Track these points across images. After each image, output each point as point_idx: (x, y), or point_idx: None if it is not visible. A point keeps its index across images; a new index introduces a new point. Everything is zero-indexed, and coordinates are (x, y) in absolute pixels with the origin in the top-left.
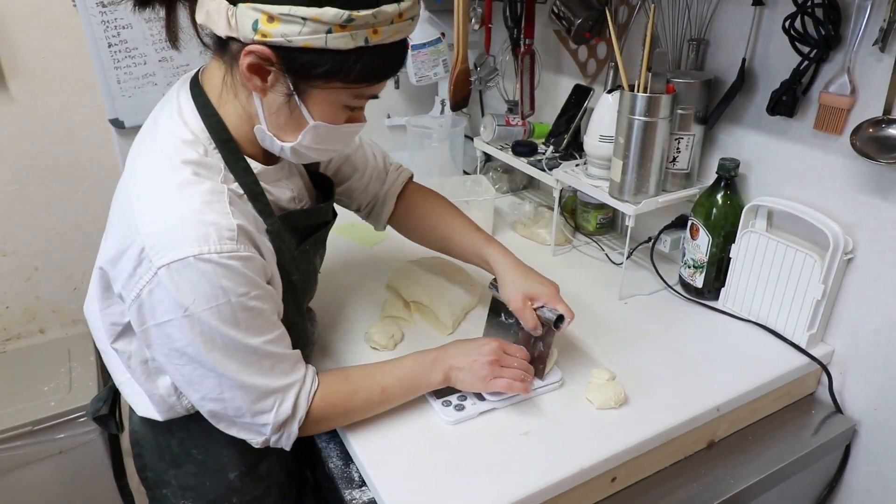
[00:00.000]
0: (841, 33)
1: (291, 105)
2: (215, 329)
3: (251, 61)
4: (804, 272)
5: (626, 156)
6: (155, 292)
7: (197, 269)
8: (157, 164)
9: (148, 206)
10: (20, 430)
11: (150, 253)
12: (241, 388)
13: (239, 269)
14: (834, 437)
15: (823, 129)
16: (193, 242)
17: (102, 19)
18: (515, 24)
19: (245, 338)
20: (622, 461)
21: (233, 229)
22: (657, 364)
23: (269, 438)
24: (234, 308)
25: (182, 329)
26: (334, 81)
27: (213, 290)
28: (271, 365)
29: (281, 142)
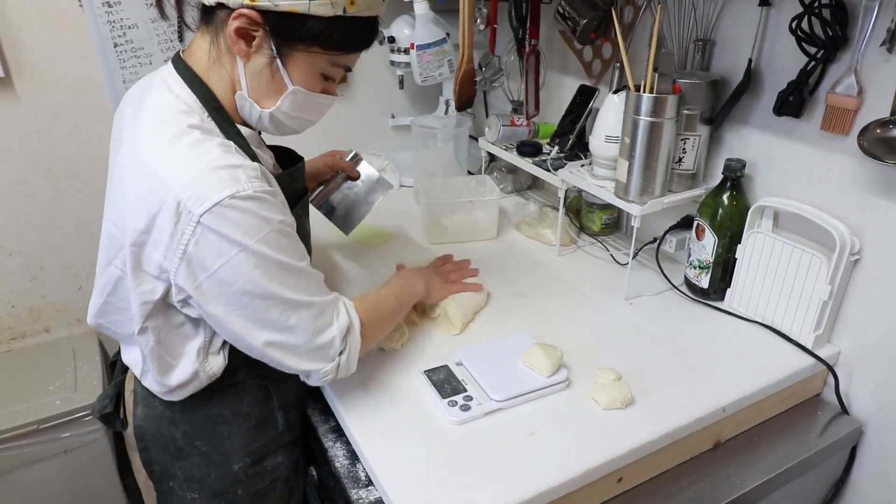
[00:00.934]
0: (848, 34)
1: (273, 68)
2: (268, 257)
3: (239, 24)
4: (810, 273)
5: (632, 156)
6: (201, 242)
7: (237, 207)
8: (164, 132)
9: (171, 165)
10: (25, 428)
11: (188, 204)
12: (305, 308)
13: (272, 201)
14: (840, 439)
15: (830, 130)
16: (228, 184)
17: (108, 19)
18: (521, 25)
19: (293, 261)
20: (629, 461)
21: (256, 169)
22: (663, 364)
23: (338, 361)
24: (278, 235)
25: (238, 267)
26: (314, 46)
27: (258, 222)
28: (317, 284)
29: (261, 108)
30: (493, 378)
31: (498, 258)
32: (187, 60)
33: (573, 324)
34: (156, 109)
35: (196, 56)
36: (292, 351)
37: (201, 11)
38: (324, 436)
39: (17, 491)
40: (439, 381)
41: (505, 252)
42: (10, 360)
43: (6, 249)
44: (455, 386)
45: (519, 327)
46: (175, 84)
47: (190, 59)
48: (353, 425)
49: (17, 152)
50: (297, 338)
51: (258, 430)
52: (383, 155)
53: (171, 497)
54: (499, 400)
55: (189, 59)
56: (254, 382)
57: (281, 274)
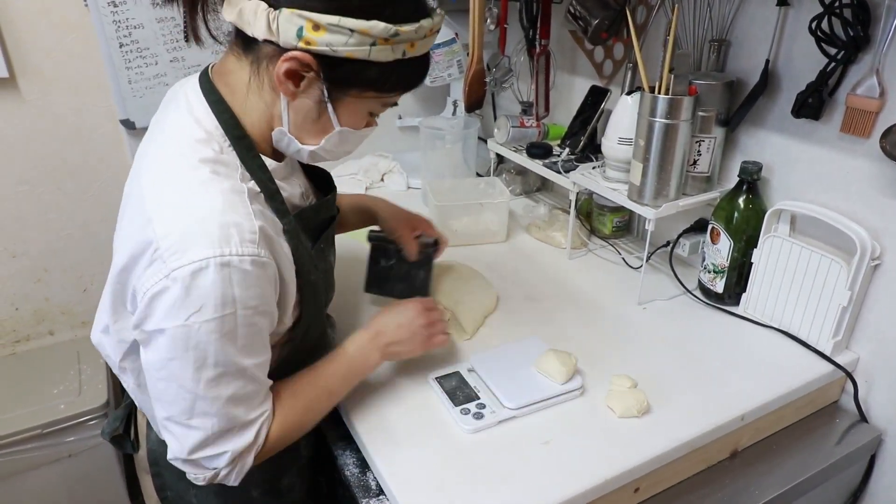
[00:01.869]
0: (870, 34)
1: (320, 110)
2: (212, 344)
3: (290, 67)
4: (829, 278)
5: (647, 158)
6: (160, 296)
7: (213, 274)
8: (172, 164)
9: (166, 206)
10: (29, 433)
11: (164, 254)
12: (214, 416)
13: (255, 278)
14: (859, 447)
15: (851, 132)
16: (215, 244)
17: (114, 19)
18: (531, 25)
19: (239, 356)
20: (646, 471)
21: (255, 231)
22: (679, 371)
23: (218, 472)
24: (238, 321)
25: (175, 340)
26: (369, 91)
27: (224, 299)
28: (253, 393)
29: (301, 144)
30: (506, 385)
31: (508, 261)
32: (216, 81)
33: (586, 329)
34: (170, 135)
35: (228, 80)
36: (175, 448)
37: (240, 38)
38: (333, 443)
39: (21, 496)
40: (451, 389)
41: (515, 255)
42: (13, 363)
43: (10, 251)
44: (468, 393)
45: (530, 332)
46: (198, 106)
47: (219, 81)
48: (364, 433)
49: (21, 153)
50: (187, 440)
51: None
52: (391, 157)
53: None
54: (512, 408)
55: (218, 81)
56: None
57: (214, 368)
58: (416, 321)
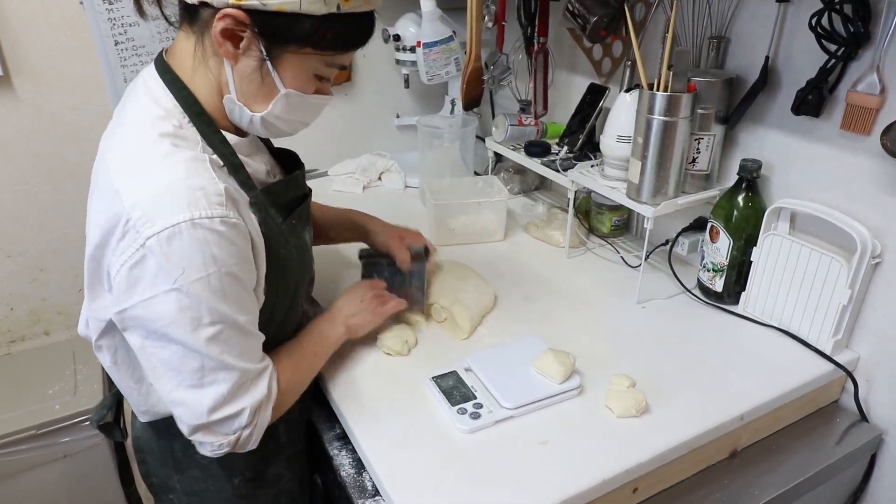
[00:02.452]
0: (870, 30)
1: (263, 71)
2: (204, 303)
3: (225, 25)
4: (829, 276)
5: (645, 156)
6: (138, 267)
7: (188, 237)
8: (133, 141)
9: (131, 179)
10: (24, 433)
11: (137, 224)
12: (224, 371)
13: (229, 237)
14: (859, 447)
15: (851, 130)
16: (185, 208)
17: (109, 17)
18: (529, 22)
19: (233, 313)
20: (645, 471)
21: (221, 193)
22: (678, 370)
23: (239, 435)
24: (223, 279)
25: (168, 304)
26: (306, 47)
27: (204, 259)
28: (251, 346)
29: (251, 112)
30: (503, 385)
31: (506, 260)
32: (169, 61)
33: (584, 328)
34: (132, 116)
35: (179, 57)
36: (194, 414)
37: (184, 9)
38: (329, 443)
39: (16, 497)
40: (448, 388)
41: (513, 254)
42: (9, 363)
43: (6, 251)
44: (464, 393)
45: (528, 331)
46: (155, 87)
47: (172, 61)
48: (360, 433)
49: (17, 152)
50: (204, 401)
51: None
52: (388, 156)
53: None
54: (510, 408)
55: (171, 61)
56: None
57: (212, 325)
58: (365, 295)
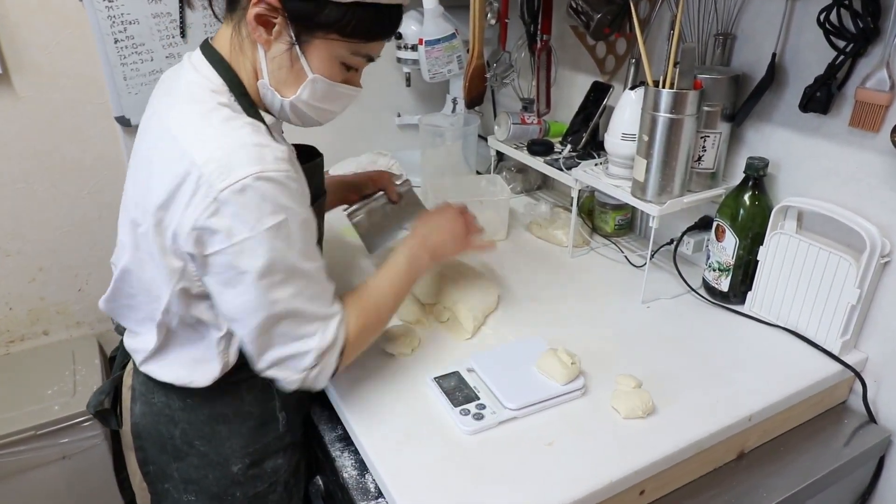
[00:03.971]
0: (880, 26)
1: (293, 56)
2: (277, 250)
3: (259, 11)
4: (838, 276)
5: (650, 154)
6: (215, 218)
7: (259, 188)
8: (195, 109)
9: (199, 138)
10: (23, 434)
11: (210, 178)
12: (292, 315)
13: (295, 189)
14: (868, 449)
15: (860, 127)
16: (254, 162)
17: (109, 14)
18: (532, 20)
19: (302, 261)
20: (651, 473)
21: (284, 151)
22: (684, 371)
23: (308, 372)
24: (293, 228)
25: (245, 252)
26: (332, 33)
27: (275, 209)
28: (320, 292)
29: (282, 97)
30: (506, 385)
31: (509, 260)
32: (215, 46)
33: (589, 328)
34: (186, 88)
35: (221, 43)
36: (266, 349)
37: (225, 3)
38: (331, 444)
39: (14, 498)
40: (450, 389)
41: (516, 253)
42: (7, 363)
43: (4, 250)
44: (467, 394)
45: (532, 331)
46: (203, 67)
47: (217, 46)
48: (362, 434)
49: (16, 150)
50: (274, 340)
51: (259, 430)
52: (390, 154)
53: (167, 499)
54: (513, 408)
55: (216, 46)
56: (256, 380)
57: (284, 272)
58: (455, 223)
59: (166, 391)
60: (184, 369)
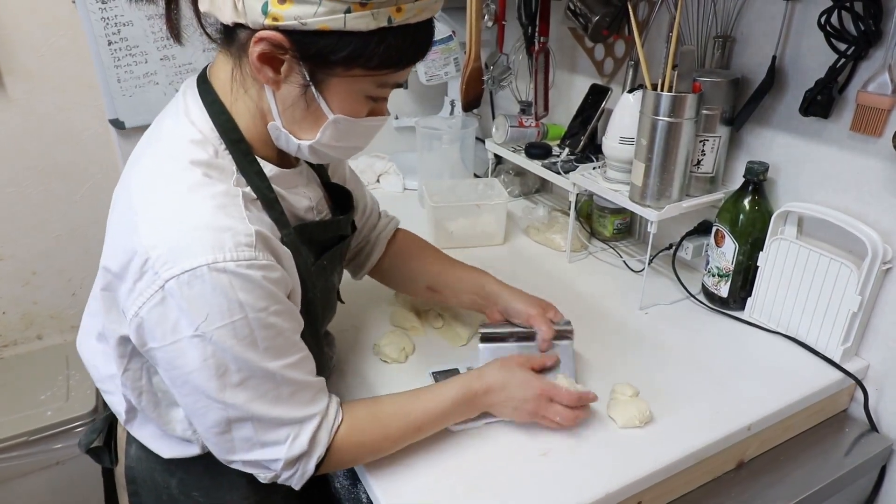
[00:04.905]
0: (882, 28)
1: (308, 97)
2: (229, 351)
3: (262, 49)
4: (839, 282)
5: (649, 158)
6: (157, 309)
7: (211, 281)
8: (162, 167)
9: (154, 212)
10: (16, 440)
11: (155, 264)
12: (251, 421)
13: (258, 281)
14: (869, 458)
15: (861, 131)
16: (207, 250)
17: (102, 16)
18: (530, 22)
19: (262, 360)
20: (649, 484)
21: (251, 234)
22: (683, 379)
23: (278, 474)
24: (252, 325)
25: (189, 352)
26: (355, 68)
27: (230, 305)
28: (290, 393)
29: (298, 139)
30: None
31: (506, 264)
32: (212, 81)
33: (586, 335)
34: (167, 137)
35: (220, 78)
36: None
37: (222, 29)
38: None
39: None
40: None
41: (513, 258)
42: (0, 368)
43: None
44: None
45: None
46: (194, 108)
47: (214, 81)
48: None
49: (9, 153)
50: (235, 444)
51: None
52: (387, 157)
53: None
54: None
55: (214, 81)
56: None
57: (238, 373)
58: (535, 395)
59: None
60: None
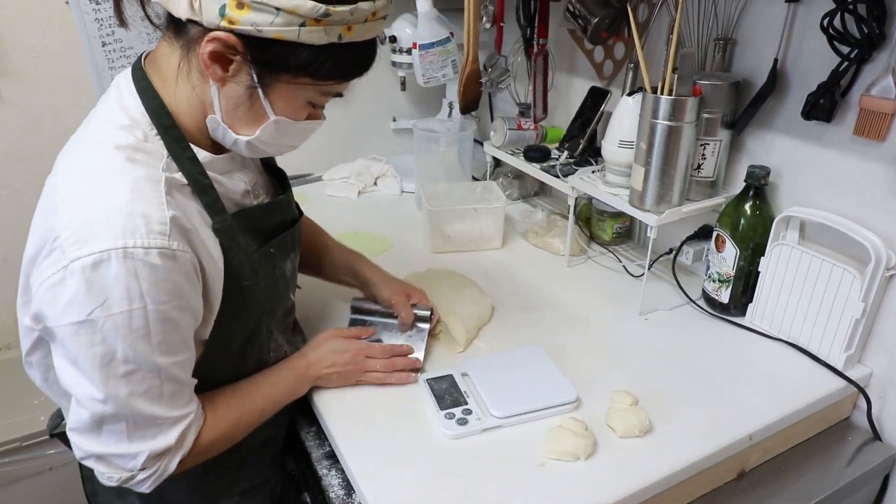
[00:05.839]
0: (886, 31)
1: (253, 97)
2: (120, 339)
3: (214, 48)
4: (841, 288)
5: (648, 162)
6: (56, 288)
7: (116, 267)
8: (86, 152)
9: (72, 194)
10: (8, 446)
11: (64, 243)
12: (128, 416)
13: (164, 272)
14: (872, 467)
15: (864, 135)
16: (118, 235)
17: (96, 17)
18: (528, 23)
19: (153, 354)
20: (649, 495)
21: (165, 222)
22: (683, 386)
23: (133, 474)
24: (150, 317)
25: (79, 335)
26: (303, 76)
27: (130, 294)
28: (171, 392)
29: (236, 134)
30: (497, 393)
31: (504, 268)
32: (148, 68)
33: (584, 340)
34: (96, 123)
35: (159, 66)
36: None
37: (169, 20)
38: (318, 462)
39: None
40: (441, 392)
41: (511, 262)
42: None
43: None
44: (456, 398)
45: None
46: (127, 93)
47: (151, 68)
48: (348, 453)
49: (2, 155)
50: (102, 436)
51: (206, 475)
52: (384, 160)
53: None
54: (498, 416)
55: (150, 67)
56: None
57: (124, 365)
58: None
59: None
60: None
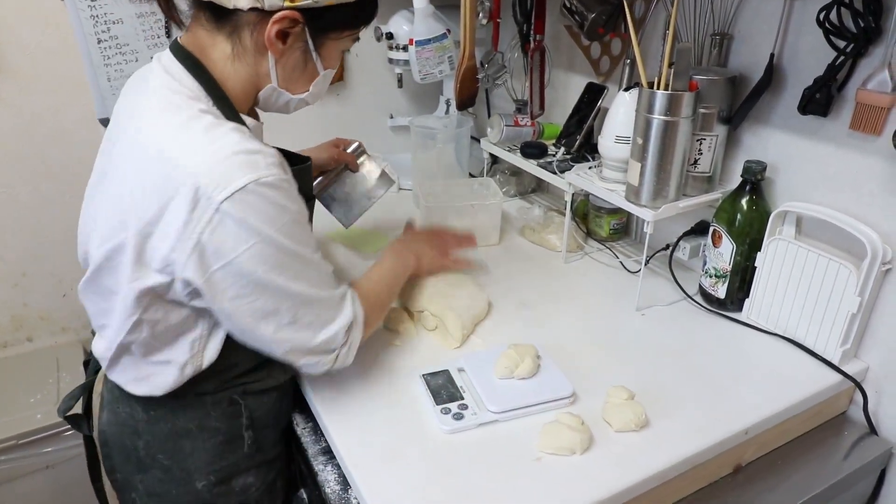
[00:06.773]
0: (882, 25)
1: (307, 59)
2: (285, 248)
3: (281, 27)
4: (837, 283)
5: (645, 158)
6: (218, 230)
7: (257, 194)
8: (173, 118)
9: (187, 149)
10: (5, 444)
11: (207, 190)
12: (312, 304)
13: (288, 189)
14: (869, 462)
15: (861, 130)
16: (248, 170)
17: (92, 13)
18: (525, 20)
19: (308, 252)
20: (644, 489)
21: (274, 155)
22: (679, 381)
23: (337, 353)
24: (295, 224)
25: (255, 257)
26: (346, 30)
27: (276, 210)
28: (327, 277)
29: (291, 94)
30: (492, 388)
31: (501, 265)
32: (189, 48)
33: (581, 336)
34: (161, 95)
35: (201, 46)
36: (297, 346)
37: (210, 12)
38: (314, 458)
39: None
40: (437, 387)
41: (508, 259)
42: None
43: None
44: (452, 393)
45: (523, 340)
46: (177, 71)
47: (194, 49)
48: (344, 449)
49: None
50: (302, 333)
51: (225, 447)
52: (381, 156)
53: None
54: (494, 411)
55: (192, 49)
56: (224, 395)
57: (295, 265)
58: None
59: (131, 402)
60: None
